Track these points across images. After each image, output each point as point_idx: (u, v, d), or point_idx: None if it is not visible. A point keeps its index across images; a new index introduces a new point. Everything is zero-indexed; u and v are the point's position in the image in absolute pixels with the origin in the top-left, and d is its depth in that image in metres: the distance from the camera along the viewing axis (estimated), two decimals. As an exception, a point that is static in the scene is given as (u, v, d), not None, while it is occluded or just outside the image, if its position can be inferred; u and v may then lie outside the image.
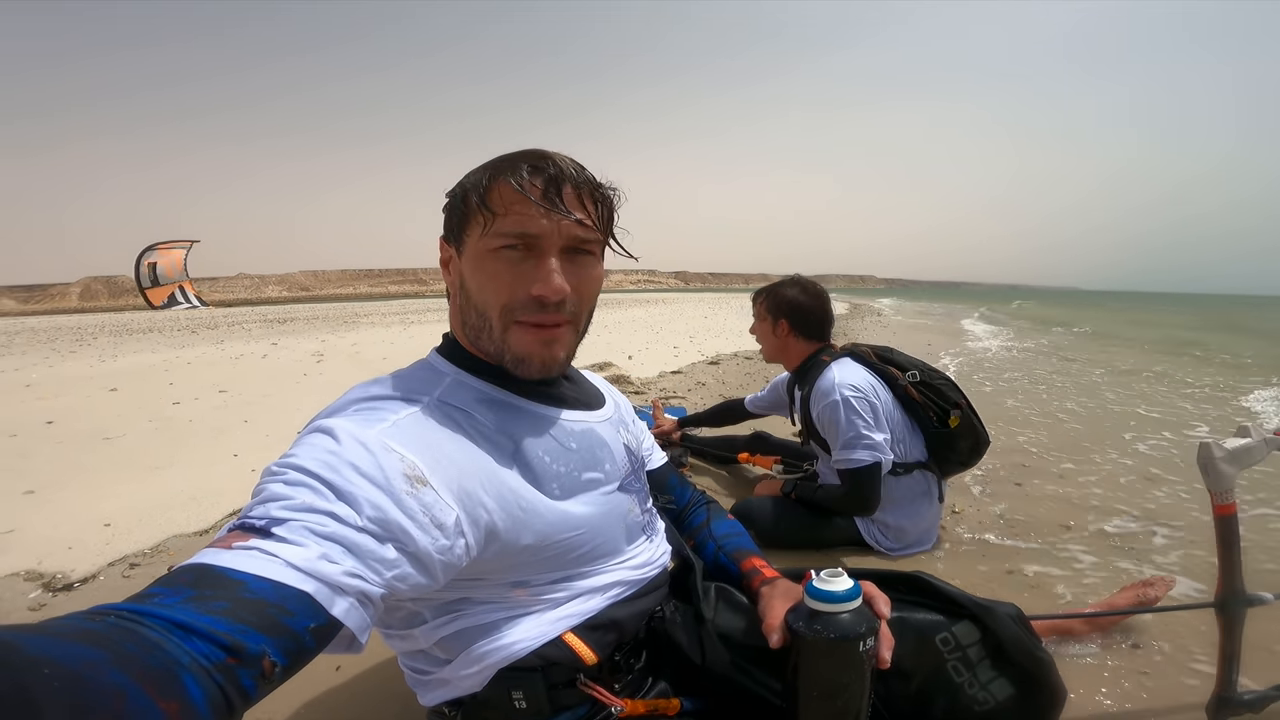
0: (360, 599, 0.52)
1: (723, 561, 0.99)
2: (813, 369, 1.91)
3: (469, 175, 0.76)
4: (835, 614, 0.69)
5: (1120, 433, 3.59)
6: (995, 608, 0.91)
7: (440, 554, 0.60)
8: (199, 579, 0.45)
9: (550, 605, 0.77)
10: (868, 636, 0.68)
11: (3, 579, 1.82)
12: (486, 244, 0.72)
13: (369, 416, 0.65)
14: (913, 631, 0.87)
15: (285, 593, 0.46)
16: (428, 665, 0.77)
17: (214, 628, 0.41)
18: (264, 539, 0.49)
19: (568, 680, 0.78)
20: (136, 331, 13.43)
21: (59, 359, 7.98)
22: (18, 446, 3.32)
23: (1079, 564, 1.89)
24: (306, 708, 1.25)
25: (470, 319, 0.77)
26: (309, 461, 0.56)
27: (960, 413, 1.85)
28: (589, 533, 0.77)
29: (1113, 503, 2.41)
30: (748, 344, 8.55)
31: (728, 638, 0.87)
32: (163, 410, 4.30)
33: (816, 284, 2.00)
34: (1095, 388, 5.28)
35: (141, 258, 32.44)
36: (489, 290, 0.73)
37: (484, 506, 0.66)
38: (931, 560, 1.88)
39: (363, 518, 0.54)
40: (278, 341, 9.94)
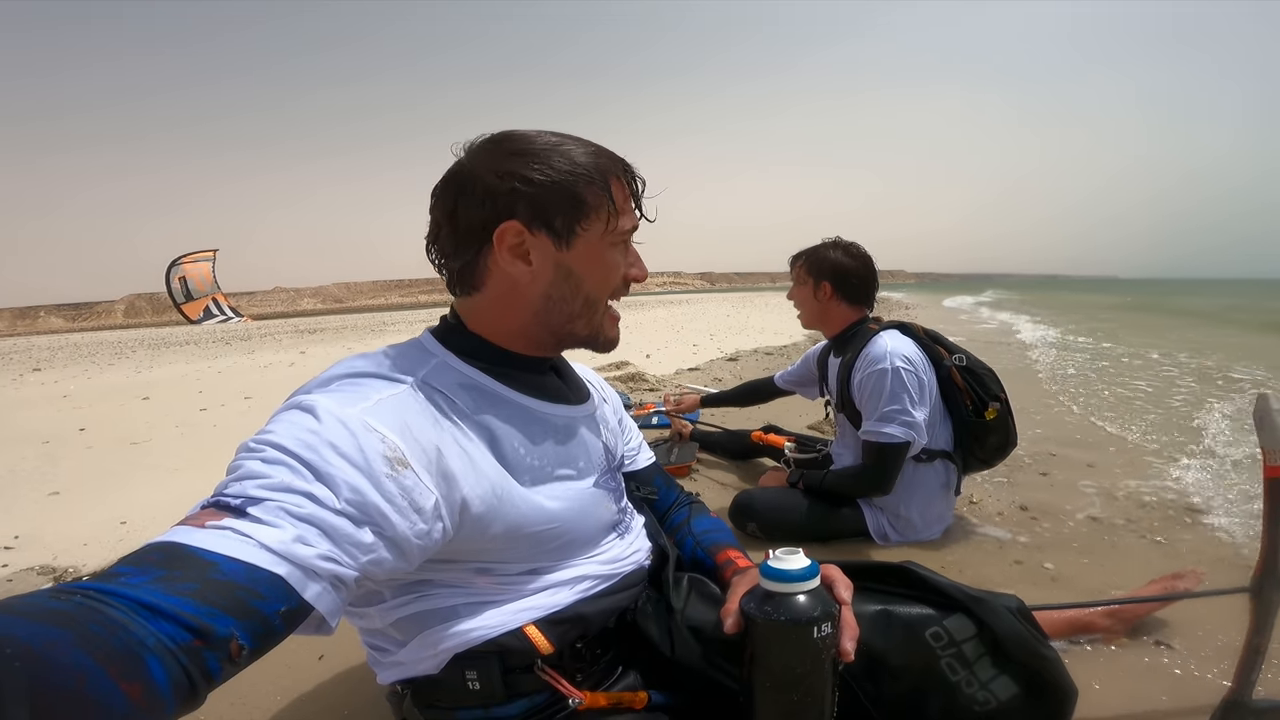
0: (334, 582, 0.51)
1: (700, 556, 0.96)
2: (858, 336, 1.83)
3: (556, 161, 0.72)
4: (788, 595, 0.64)
5: (1159, 421, 3.45)
6: (990, 599, 0.84)
7: (418, 538, 0.59)
8: (169, 558, 0.44)
9: (515, 595, 0.75)
10: (822, 621, 0.63)
11: (19, 573, 1.88)
12: (611, 238, 0.76)
13: (352, 394, 0.63)
14: (900, 625, 0.82)
15: (257, 575, 0.45)
16: (386, 644, 0.76)
17: (181, 609, 0.40)
18: (238, 518, 0.48)
19: (524, 665, 0.76)
20: (174, 344, 13.86)
21: (97, 371, 8.27)
22: (49, 452, 3.44)
23: (1104, 557, 1.78)
24: (287, 695, 1.25)
25: (572, 306, 0.77)
26: (288, 440, 0.54)
27: (999, 406, 1.77)
28: (560, 527, 0.76)
29: (1144, 494, 2.29)
30: (768, 340, 8.48)
31: (699, 630, 0.83)
32: (189, 417, 4.42)
33: (859, 245, 1.90)
34: (1132, 374, 5.10)
35: (170, 272, 33.22)
36: (607, 279, 0.78)
37: (460, 490, 0.65)
38: (943, 552, 1.80)
39: (341, 500, 0.53)
40: (305, 350, 10.16)
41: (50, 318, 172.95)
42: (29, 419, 4.59)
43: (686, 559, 0.97)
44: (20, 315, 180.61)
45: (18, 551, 2.05)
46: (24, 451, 3.46)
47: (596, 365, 5.93)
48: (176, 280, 33.42)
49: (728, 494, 2.32)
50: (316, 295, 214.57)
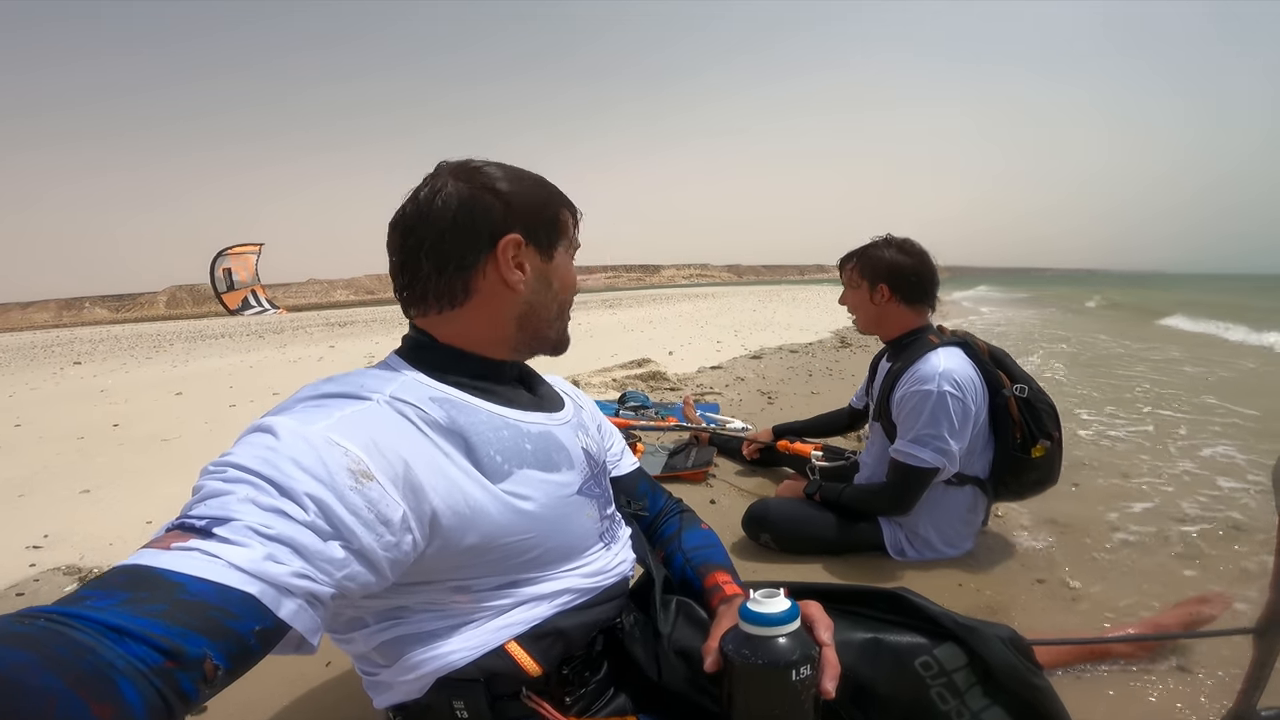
0: (309, 600, 0.51)
1: (689, 575, 0.95)
2: (915, 346, 1.71)
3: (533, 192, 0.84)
4: (768, 638, 0.63)
5: (1198, 433, 3.31)
6: (981, 629, 0.82)
7: (386, 551, 0.59)
8: (134, 581, 0.43)
9: (493, 613, 0.75)
10: (802, 664, 0.62)
11: (45, 573, 1.92)
12: (571, 254, 0.89)
13: (314, 414, 0.63)
14: (889, 654, 0.81)
15: (228, 595, 0.45)
16: (372, 668, 0.77)
17: (150, 630, 0.40)
18: (204, 539, 0.47)
19: (511, 692, 0.75)
20: (209, 337, 14.23)
21: (135, 365, 8.52)
22: (83, 448, 3.54)
23: (1130, 577, 1.71)
24: (296, 702, 1.26)
25: (548, 311, 0.85)
26: (247, 459, 0.54)
27: (1049, 445, 1.67)
28: (538, 536, 0.75)
29: (1177, 511, 2.18)
30: (794, 337, 8.38)
31: (686, 655, 0.82)
32: (219, 413, 4.52)
33: (915, 242, 1.78)
34: (1172, 380, 4.92)
35: (215, 263, 34.02)
36: (569, 287, 0.88)
37: (429, 502, 0.65)
38: (962, 568, 1.74)
39: (308, 514, 0.53)
40: (335, 344, 10.35)
41: (95, 308, 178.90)
42: (67, 414, 4.73)
43: (675, 577, 0.96)
44: (66, 306, 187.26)
45: (46, 550, 2.10)
46: (59, 448, 3.56)
47: (618, 364, 5.91)
48: (221, 271, 34.15)
49: (744, 499, 2.28)
50: (349, 287, 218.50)
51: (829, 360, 6.11)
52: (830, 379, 4.99)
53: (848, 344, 7.49)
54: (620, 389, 4.50)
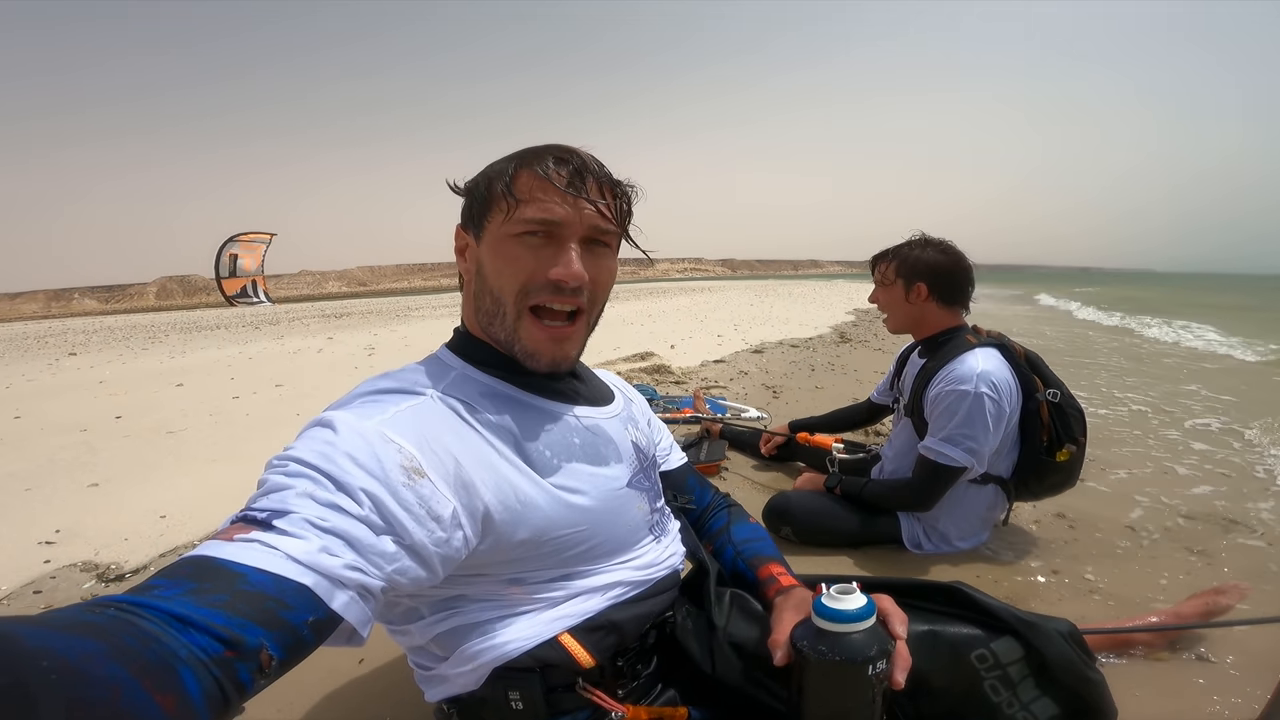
0: (361, 592, 0.52)
1: (740, 568, 0.95)
2: (952, 344, 1.69)
3: (493, 164, 0.77)
4: (844, 634, 0.64)
5: (1210, 427, 3.34)
6: (1042, 624, 0.84)
7: (437, 546, 0.60)
8: (199, 571, 0.45)
9: (547, 604, 0.76)
10: (878, 659, 0.63)
11: (62, 569, 1.90)
12: (509, 229, 0.73)
13: (370, 409, 0.65)
14: (946, 646, 0.82)
15: (285, 586, 0.46)
16: (428, 661, 0.78)
17: (212, 620, 0.41)
18: (265, 531, 0.49)
19: (566, 684, 0.77)
20: (205, 328, 14.12)
21: (132, 356, 8.44)
22: (87, 441, 3.50)
23: (1144, 569, 1.74)
24: (328, 700, 1.25)
25: (484, 304, 0.78)
26: (307, 454, 0.56)
27: (1075, 450, 1.68)
28: (589, 529, 0.76)
29: (1189, 503, 2.21)
30: (794, 332, 8.39)
31: (740, 647, 0.83)
32: (223, 405, 4.48)
33: (950, 241, 1.77)
34: (1185, 376, 4.95)
35: (224, 248, 33.33)
36: (507, 274, 0.74)
37: (481, 498, 0.66)
38: (978, 561, 1.76)
39: (362, 508, 0.54)
40: (333, 336, 10.28)
41: (85, 299, 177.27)
42: (67, 406, 4.68)
43: (726, 569, 0.96)
44: (55, 297, 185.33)
45: (59, 546, 2.08)
46: (63, 440, 3.53)
47: (621, 357, 5.91)
48: (228, 256, 33.49)
49: (757, 493, 2.29)
50: (341, 279, 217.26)
51: (830, 355, 6.12)
52: (833, 374, 5.01)
53: (847, 339, 7.51)
54: (626, 382, 4.50)
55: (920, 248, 1.76)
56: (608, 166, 0.78)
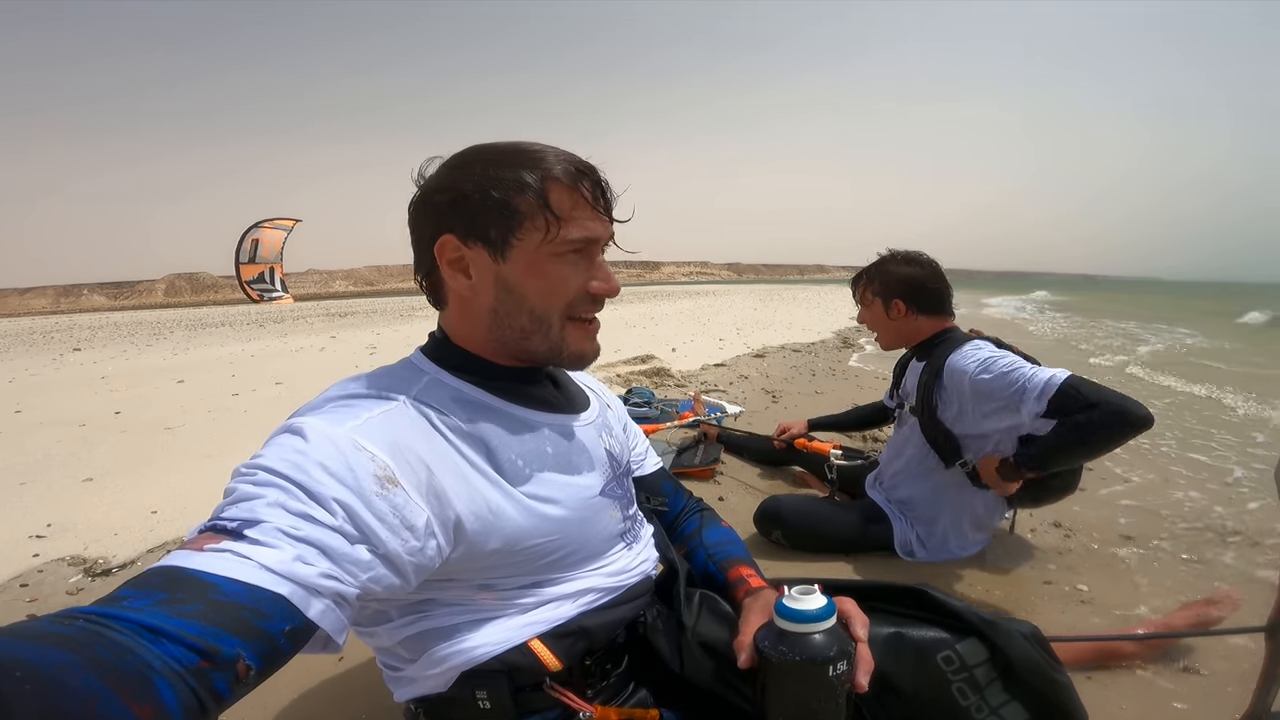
0: (336, 600, 0.51)
1: (711, 570, 0.94)
2: (950, 340, 1.68)
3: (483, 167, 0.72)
4: (804, 635, 0.64)
5: (1208, 440, 3.30)
6: (1004, 624, 0.82)
7: (411, 555, 0.59)
8: (169, 582, 0.44)
9: (518, 610, 0.75)
10: (839, 660, 0.63)
11: (49, 563, 1.90)
12: (552, 249, 0.71)
13: (341, 414, 0.63)
14: (912, 648, 0.81)
15: (259, 595, 0.46)
16: (396, 662, 0.77)
17: (186, 631, 0.40)
18: (236, 540, 0.48)
19: (534, 684, 0.76)
20: (210, 325, 14.19)
21: (136, 352, 8.49)
22: (85, 436, 3.52)
23: (1137, 579, 1.72)
24: (306, 698, 1.25)
25: (518, 322, 0.75)
26: (277, 462, 0.55)
27: None
28: (561, 538, 0.75)
29: (1183, 513, 2.20)
30: (796, 336, 8.37)
31: (710, 647, 0.82)
32: (222, 402, 4.50)
33: (923, 254, 1.76)
34: (1185, 385, 4.91)
35: (248, 233, 33.15)
36: (553, 293, 0.73)
37: (453, 507, 0.65)
38: (970, 570, 1.74)
39: (336, 518, 0.54)
40: (336, 335, 10.31)
41: (93, 295, 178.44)
42: (68, 401, 4.71)
43: (698, 572, 0.96)
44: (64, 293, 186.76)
45: (49, 540, 2.08)
46: (60, 435, 3.54)
47: (621, 360, 5.90)
48: (249, 241, 33.27)
49: (752, 497, 2.28)
50: (348, 278, 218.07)
51: (831, 360, 6.10)
52: (834, 379, 4.99)
53: (850, 344, 7.49)
54: (625, 385, 4.49)
55: (892, 263, 1.76)
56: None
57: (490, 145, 0.74)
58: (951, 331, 1.73)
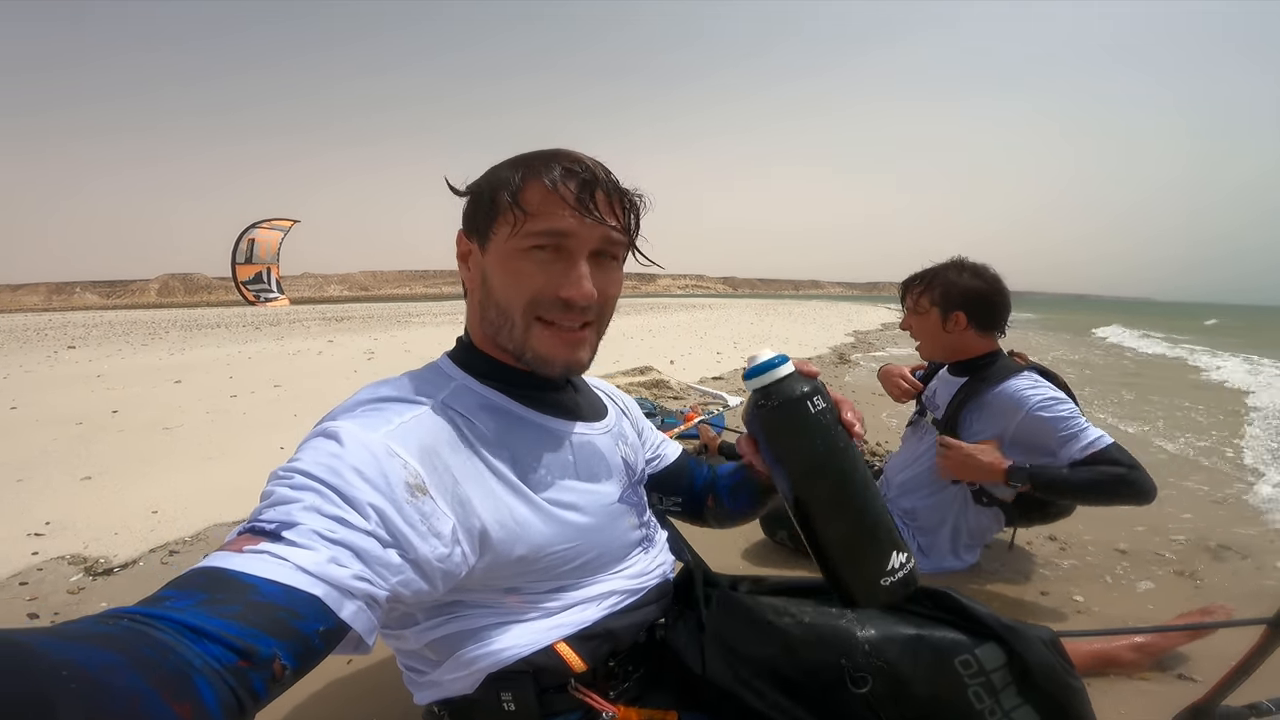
0: (368, 602, 0.52)
1: (728, 479, 1.01)
2: (1000, 367, 1.65)
3: (497, 170, 0.76)
4: (771, 384, 0.71)
5: (1204, 449, 3.33)
6: (1025, 630, 0.83)
7: (440, 562, 0.61)
8: (211, 582, 0.45)
9: (544, 614, 0.77)
10: (813, 395, 0.70)
11: (49, 562, 1.89)
12: (517, 243, 0.71)
13: (374, 419, 0.65)
14: (930, 650, 0.81)
15: (295, 596, 0.47)
16: (421, 665, 0.78)
17: (226, 631, 0.41)
18: (274, 542, 0.49)
19: (558, 685, 0.77)
20: (205, 326, 14.13)
21: (131, 352, 8.44)
22: (82, 434, 3.49)
23: (1132, 591, 1.75)
24: (316, 700, 1.25)
25: (490, 315, 0.76)
26: (313, 466, 0.56)
27: None
28: (584, 545, 0.77)
29: (1178, 526, 2.24)
30: (793, 352, 8.37)
31: (731, 649, 0.83)
32: (220, 403, 4.48)
33: (989, 267, 1.69)
34: (1181, 403, 4.95)
35: (245, 233, 33.08)
36: (514, 288, 0.73)
37: (478, 516, 0.66)
38: (968, 580, 1.76)
39: (369, 523, 0.55)
40: (334, 339, 10.28)
41: (86, 294, 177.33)
42: (63, 399, 4.68)
43: (725, 496, 1.01)
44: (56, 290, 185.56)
45: (49, 538, 2.06)
46: (56, 432, 3.52)
47: (620, 371, 5.91)
48: (246, 241, 33.19)
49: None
50: (343, 283, 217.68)
51: (829, 376, 6.13)
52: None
53: (846, 360, 7.53)
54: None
55: (957, 273, 1.68)
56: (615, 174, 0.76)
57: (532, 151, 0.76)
58: (999, 355, 1.70)
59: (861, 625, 0.83)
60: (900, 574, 0.72)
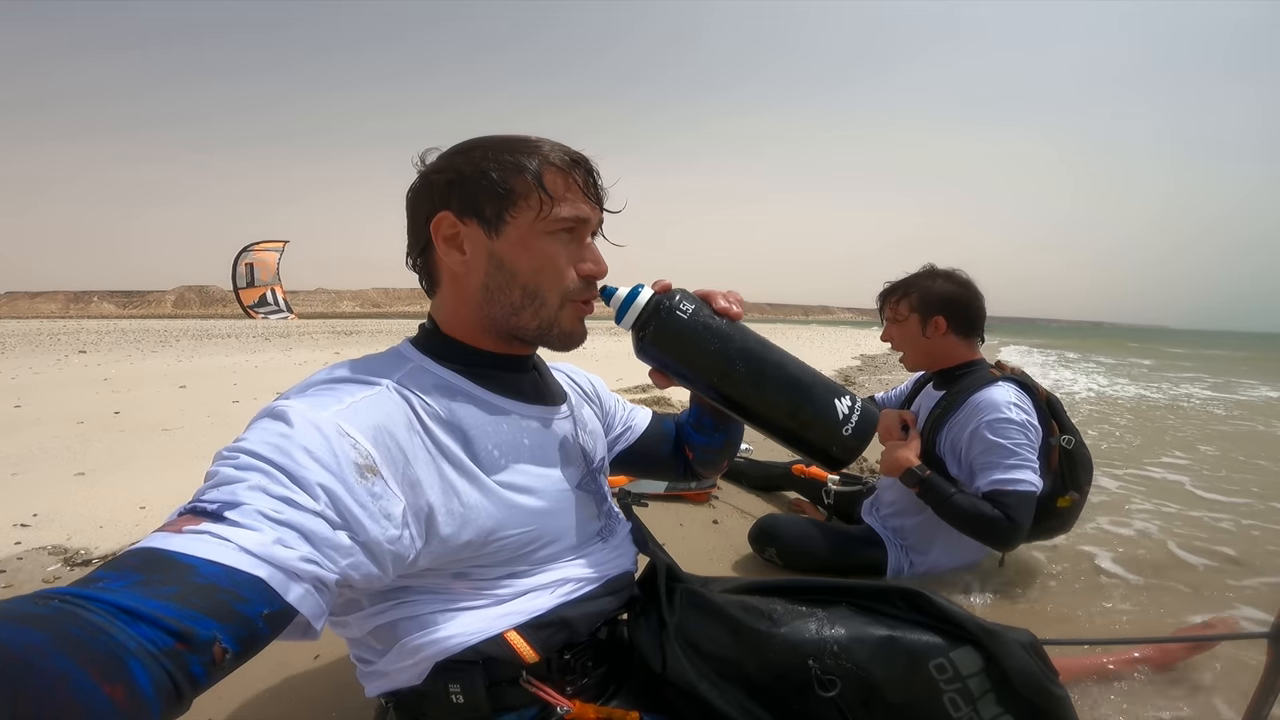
0: (316, 585, 0.51)
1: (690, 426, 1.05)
2: (975, 376, 1.67)
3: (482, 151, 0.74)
4: (640, 315, 0.75)
5: (1197, 462, 3.27)
6: (1003, 633, 0.80)
7: (390, 544, 0.59)
8: (146, 563, 0.44)
9: (494, 601, 0.74)
10: (680, 304, 0.74)
11: (30, 552, 1.87)
12: (545, 226, 0.73)
13: (325, 398, 0.64)
14: (903, 654, 0.78)
15: (238, 578, 0.45)
16: (368, 655, 0.76)
17: (161, 613, 0.40)
18: (216, 523, 0.48)
19: (510, 678, 0.74)
20: (216, 336, 14.27)
21: (140, 357, 8.52)
22: (82, 432, 3.50)
23: (1126, 605, 1.72)
24: (275, 696, 1.21)
25: (509, 297, 0.76)
26: (260, 446, 0.55)
27: (1077, 498, 1.65)
28: (536, 529, 0.75)
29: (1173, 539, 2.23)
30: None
31: (694, 646, 0.81)
32: (222, 407, 4.49)
33: (961, 270, 1.73)
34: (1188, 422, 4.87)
35: (239, 258, 33.60)
36: (549, 270, 0.75)
37: (425, 498, 0.65)
38: (955, 593, 1.73)
39: (318, 503, 0.53)
40: (340, 351, 10.34)
41: (103, 303, 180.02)
42: (68, 399, 4.70)
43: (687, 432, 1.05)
44: (74, 299, 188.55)
45: (33, 530, 2.05)
46: (57, 430, 3.53)
47: (623, 388, 5.88)
48: (243, 265, 33.65)
49: (746, 521, 2.25)
50: (356, 299, 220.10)
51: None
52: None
53: (852, 383, 7.47)
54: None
55: (935, 279, 1.72)
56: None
57: (492, 135, 0.77)
58: (979, 364, 1.71)
59: (831, 625, 0.80)
60: (855, 417, 0.73)
